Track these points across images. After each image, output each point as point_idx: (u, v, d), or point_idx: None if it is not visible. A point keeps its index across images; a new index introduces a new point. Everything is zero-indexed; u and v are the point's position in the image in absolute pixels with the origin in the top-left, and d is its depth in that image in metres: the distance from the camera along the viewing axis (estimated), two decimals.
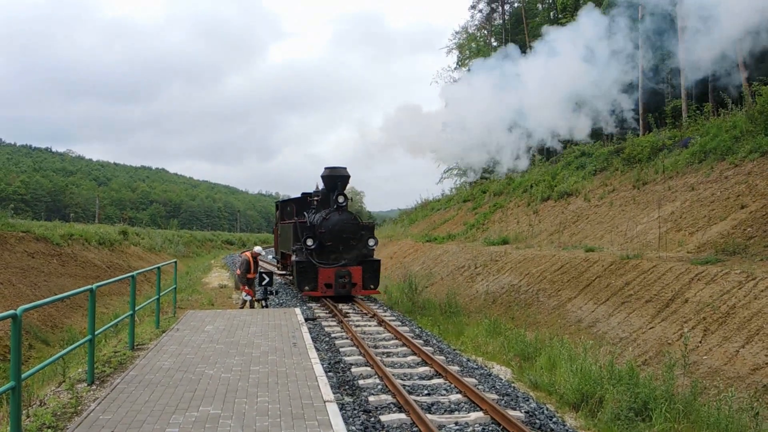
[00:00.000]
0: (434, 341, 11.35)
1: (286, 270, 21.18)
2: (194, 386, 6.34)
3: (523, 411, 7.11)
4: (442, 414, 6.83)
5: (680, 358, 8.13)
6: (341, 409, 6.52)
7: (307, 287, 15.96)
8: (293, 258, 17.07)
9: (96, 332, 6.79)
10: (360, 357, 9.72)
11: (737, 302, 9.27)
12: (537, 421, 6.78)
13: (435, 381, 8.29)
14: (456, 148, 20.63)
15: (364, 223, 17.59)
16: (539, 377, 8.78)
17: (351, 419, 6.57)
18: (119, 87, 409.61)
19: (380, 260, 17.65)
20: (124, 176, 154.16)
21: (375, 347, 10.52)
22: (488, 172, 32.82)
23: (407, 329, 12.33)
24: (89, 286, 6.67)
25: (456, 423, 6.54)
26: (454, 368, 8.87)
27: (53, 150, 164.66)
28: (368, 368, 8.93)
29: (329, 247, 16.36)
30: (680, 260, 11.76)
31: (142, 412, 5.45)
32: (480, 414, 6.75)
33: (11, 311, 4.51)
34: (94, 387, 6.43)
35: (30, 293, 16.16)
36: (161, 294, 10.67)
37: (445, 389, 7.89)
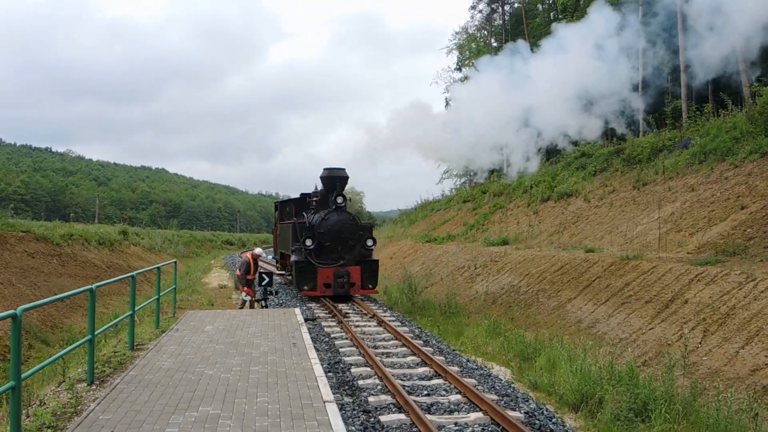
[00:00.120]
0: (434, 342, 11.35)
1: (286, 270, 21.23)
2: (194, 386, 6.34)
3: (523, 411, 7.12)
4: (442, 414, 6.84)
5: (680, 359, 8.14)
6: (341, 410, 6.52)
7: (306, 287, 16.05)
8: (292, 258, 17.13)
9: (96, 332, 6.80)
10: (360, 357, 9.72)
11: (737, 303, 9.27)
12: (536, 422, 6.79)
13: (435, 381, 8.29)
14: (464, 149, 20.53)
15: (363, 224, 17.71)
16: (539, 378, 8.79)
17: (351, 419, 6.58)
18: (119, 87, 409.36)
19: (378, 260, 17.70)
20: (124, 176, 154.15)
21: (375, 347, 10.52)
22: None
23: (407, 329, 12.34)
24: (89, 286, 6.67)
25: (455, 423, 6.54)
26: (454, 369, 8.88)
27: (53, 150, 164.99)
28: (368, 368, 8.94)
29: (328, 248, 16.42)
30: (680, 261, 11.76)
31: (142, 412, 5.45)
32: (479, 414, 6.76)
33: (11, 311, 4.52)
34: (94, 387, 6.44)
35: (30, 293, 16.16)
36: (161, 294, 10.67)
37: (445, 390, 7.89)
